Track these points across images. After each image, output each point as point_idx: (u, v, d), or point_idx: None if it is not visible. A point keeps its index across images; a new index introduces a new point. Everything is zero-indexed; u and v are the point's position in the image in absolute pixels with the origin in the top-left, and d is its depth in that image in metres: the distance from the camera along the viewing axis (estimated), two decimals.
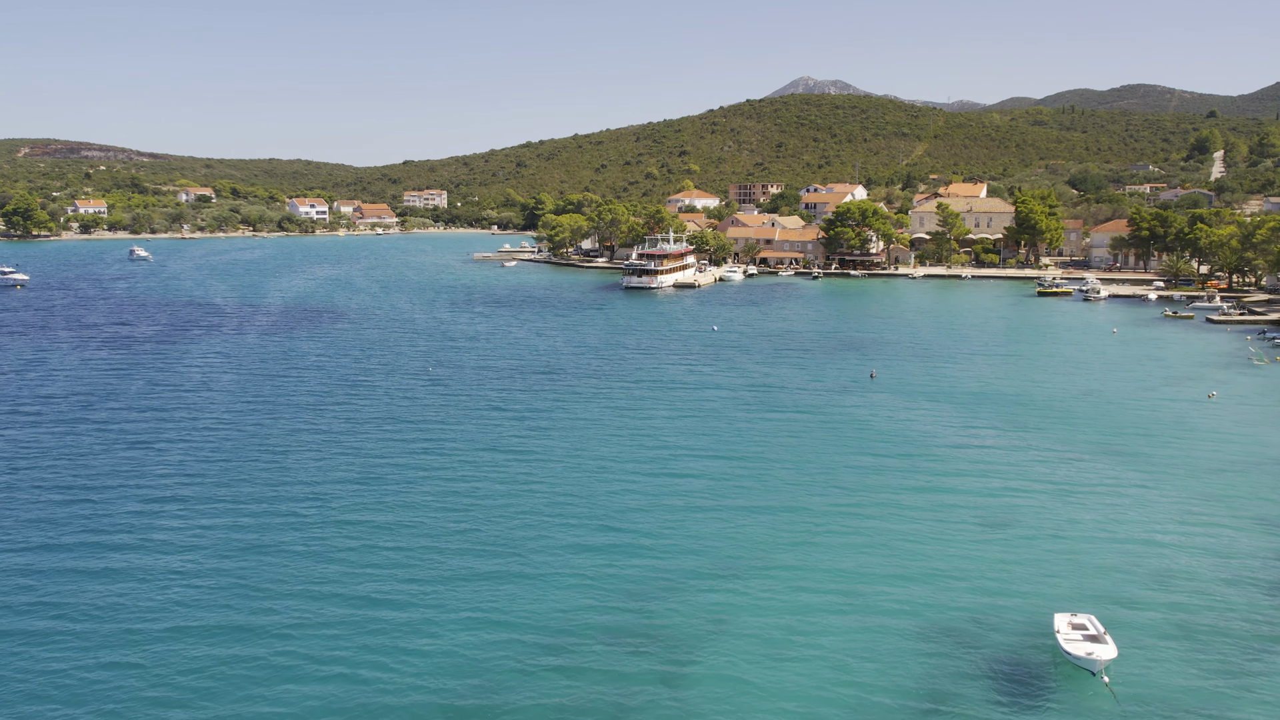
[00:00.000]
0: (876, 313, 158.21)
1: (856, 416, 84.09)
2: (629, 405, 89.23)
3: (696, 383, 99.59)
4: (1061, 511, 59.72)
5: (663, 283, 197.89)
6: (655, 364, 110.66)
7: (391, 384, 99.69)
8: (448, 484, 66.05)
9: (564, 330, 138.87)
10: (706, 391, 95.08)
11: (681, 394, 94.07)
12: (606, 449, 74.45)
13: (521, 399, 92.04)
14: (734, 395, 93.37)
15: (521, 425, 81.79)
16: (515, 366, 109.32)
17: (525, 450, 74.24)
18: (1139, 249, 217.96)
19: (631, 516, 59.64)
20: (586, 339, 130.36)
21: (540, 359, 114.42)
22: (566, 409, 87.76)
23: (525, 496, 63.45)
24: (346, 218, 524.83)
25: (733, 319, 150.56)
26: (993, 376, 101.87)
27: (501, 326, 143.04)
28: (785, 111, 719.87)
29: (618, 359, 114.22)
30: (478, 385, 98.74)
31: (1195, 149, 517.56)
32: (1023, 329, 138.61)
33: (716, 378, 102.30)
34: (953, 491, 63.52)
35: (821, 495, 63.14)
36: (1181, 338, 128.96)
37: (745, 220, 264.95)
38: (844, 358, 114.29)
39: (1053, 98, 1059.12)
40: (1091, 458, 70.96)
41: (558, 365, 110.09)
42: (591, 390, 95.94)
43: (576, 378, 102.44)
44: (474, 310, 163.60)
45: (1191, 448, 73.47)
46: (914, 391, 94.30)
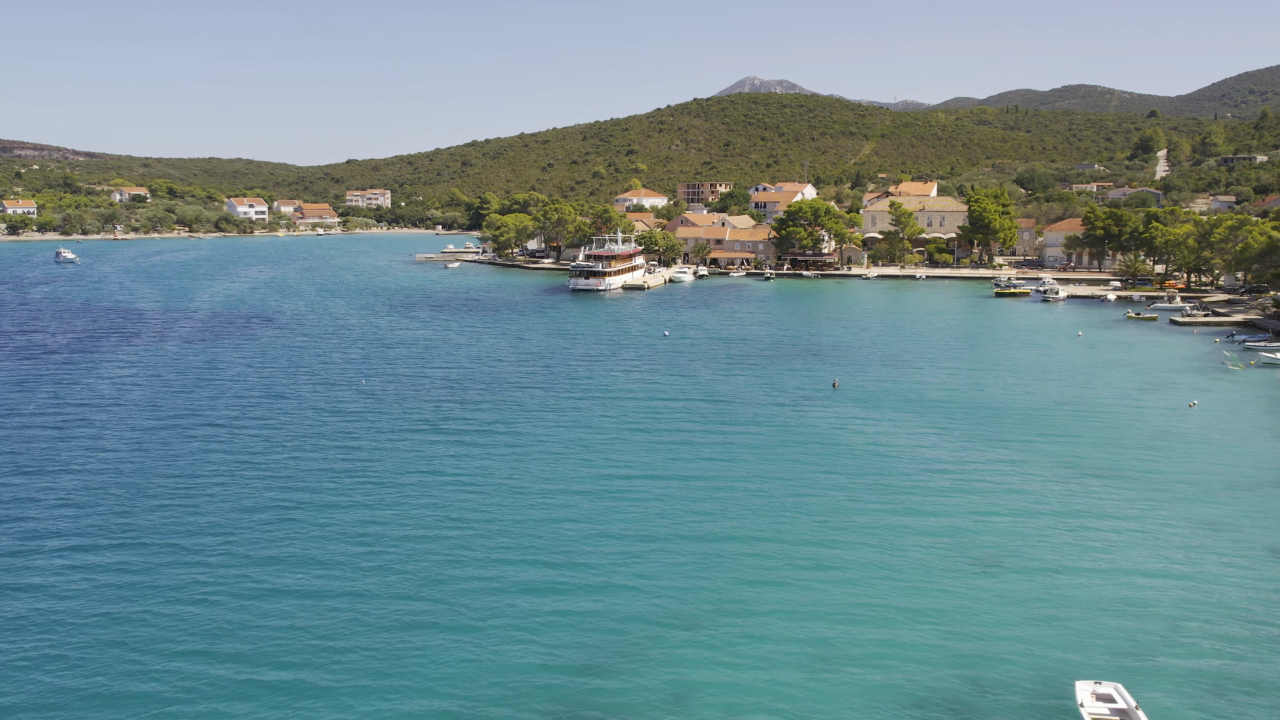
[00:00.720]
0: (833, 315, 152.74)
1: (821, 431, 77.99)
2: (575, 420, 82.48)
3: (648, 393, 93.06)
4: (1056, 543, 53.86)
5: (611, 284, 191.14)
6: (603, 373, 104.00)
7: (318, 398, 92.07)
8: (369, 514, 58.87)
9: (507, 336, 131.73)
10: (659, 404, 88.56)
11: (632, 406, 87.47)
12: (550, 471, 67.66)
13: (458, 414, 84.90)
14: (688, 407, 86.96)
15: (457, 444, 74.71)
16: (454, 377, 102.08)
17: (459, 473, 67.20)
18: (1093, 248, 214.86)
19: (578, 551, 52.96)
20: (530, 345, 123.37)
21: (480, 368, 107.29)
22: (507, 425, 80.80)
23: (456, 529, 56.47)
24: (286, 218, 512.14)
25: (684, 323, 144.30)
26: (961, 384, 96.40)
27: (441, 333, 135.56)
28: (733, 110, 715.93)
29: (563, 367, 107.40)
30: (412, 398, 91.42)
31: (1139, 148, 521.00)
32: (985, 332, 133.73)
33: (669, 388, 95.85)
34: (935, 518, 57.49)
35: (789, 524, 56.83)
36: (1148, 340, 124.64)
37: (695, 220, 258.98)
38: (803, 365, 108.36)
39: (995, 98, 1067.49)
40: (1079, 477, 65.33)
41: (499, 375, 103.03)
42: (535, 403, 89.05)
43: (518, 389, 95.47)
44: (413, 315, 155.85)
45: (1182, 464, 68.13)
46: (880, 402, 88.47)
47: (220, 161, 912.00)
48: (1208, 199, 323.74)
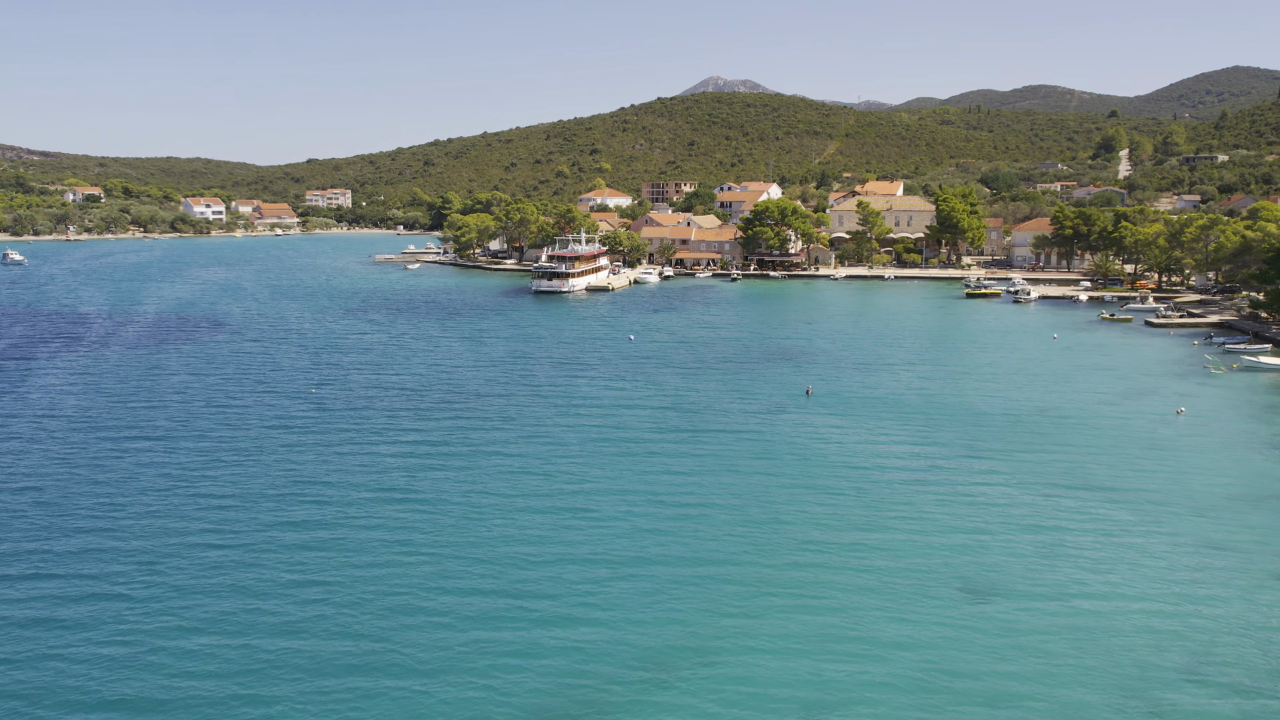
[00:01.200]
0: (802, 317, 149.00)
1: (797, 443, 73.93)
2: (535, 431, 77.98)
3: (613, 401, 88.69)
4: (1054, 568, 50.00)
5: (574, 286, 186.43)
6: (566, 379, 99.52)
7: (264, 408, 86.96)
8: (308, 538, 54.12)
9: (466, 341, 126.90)
10: (624, 413, 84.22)
11: (596, 416, 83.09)
12: (508, 489, 63.15)
13: (411, 425, 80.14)
14: (656, 417, 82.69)
15: (409, 459, 69.99)
16: (408, 384, 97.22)
17: (410, 492, 62.53)
18: (1062, 248, 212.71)
19: (536, 580, 48.57)
20: (490, 351, 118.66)
21: (437, 375, 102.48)
22: (463, 437, 76.16)
23: (404, 554, 51.85)
24: (244, 218, 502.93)
25: (650, 326, 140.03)
26: (939, 390, 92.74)
27: (398, 337, 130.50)
28: (697, 110, 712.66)
29: (524, 374, 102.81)
30: (363, 408, 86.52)
31: (1101, 147, 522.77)
32: (958, 334, 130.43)
33: (635, 395, 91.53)
34: (922, 540, 53.53)
35: (766, 548, 52.69)
36: (1125, 343, 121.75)
37: (660, 220, 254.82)
38: (774, 370, 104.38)
39: (957, 98, 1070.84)
40: (1070, 492, 61.62)
41: (456, 382, 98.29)
42: (493, 413, 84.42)
43: (476, 397, 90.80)
44: (369, 318, 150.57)
45: (1179, 479, 64.59)
46: (857, 410, 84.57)
47: (178, 161, 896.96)
48: (1172, 198, 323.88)
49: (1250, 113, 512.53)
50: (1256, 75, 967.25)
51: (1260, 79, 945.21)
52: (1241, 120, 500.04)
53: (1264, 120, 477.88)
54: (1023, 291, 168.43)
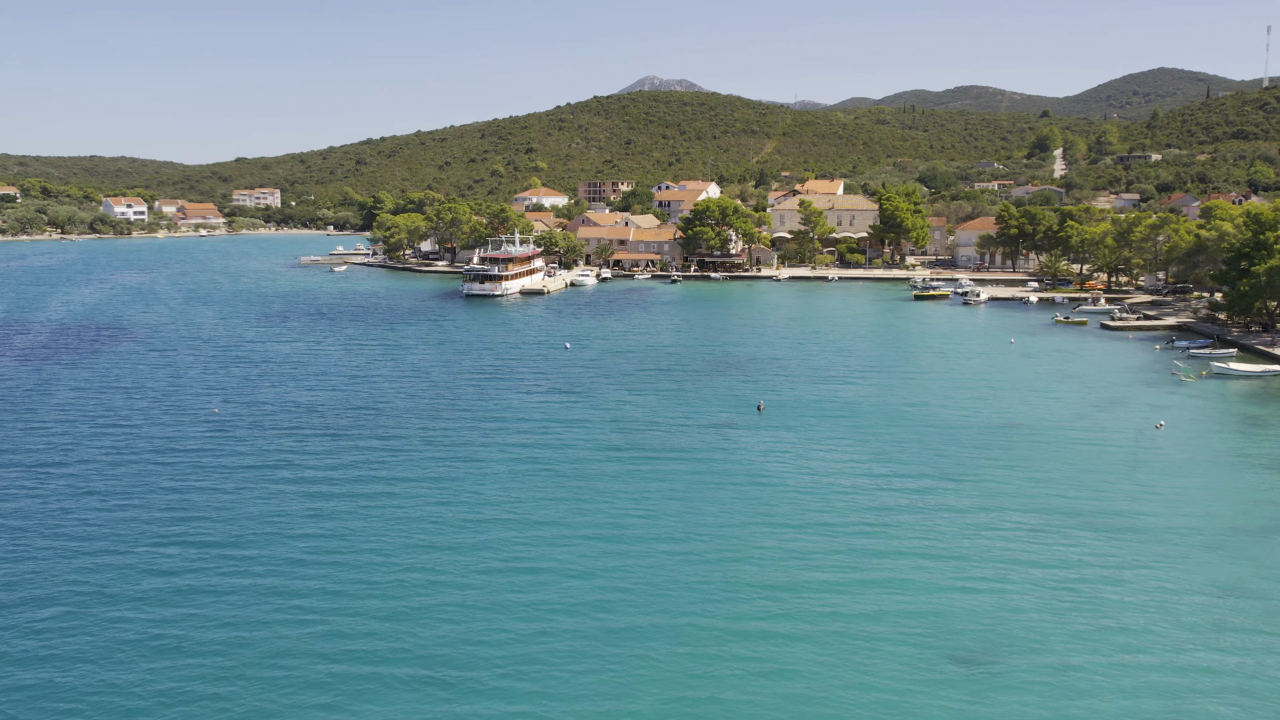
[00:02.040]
0: (747, 321, 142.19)
1: (751, 467, 66.78)
2: (461, 454, 70.03)
3: (547, 419, 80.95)
4: (1054, 624, 43.24)
5: (508, 289, 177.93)
6: (496, 394, 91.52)
7: (157, 431, 77.95)
8: (185, 588, 45.76)
9: (389, 350, 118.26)
10: (559, 432, 76.53)
11: (528, 436, 75.33)
12: (426, 528, 55.19)
13: (321, 450, 71.72)
14: (593, 435, 75.14)
15: (315, 492, 61.69)
16: (322, 401, 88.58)
17: (312, 533, 54.32)
18: (1007, 248, 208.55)
19: (455, 643, 40.86)
20: (415, 361, 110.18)
21: (355, 390, 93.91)
22: (379, 464, 68.00)
23: (297, 615, 43.75)
24: (167, 218, 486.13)
25: (588, 332, 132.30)
26: (898, 403, 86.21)
27: (317, 346, 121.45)
28: (634, 108, 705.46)
29: (451, 388, 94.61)
30: (269, 430, 77.85)
31: (1036, 147, 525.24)
32: (911, 339, 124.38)
33: (572, 412, 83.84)
34: (900, 588, 46.59)
35: (720, 598, 45.46)
36: (1084, 347, 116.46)
37: (597, 220, 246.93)
38: (721, 381, 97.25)
39: (891, 98, 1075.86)
40: (1060, 524, 55.07)
41: (375, 398, 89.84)
42: (414, 433, 76.24)
43: (396, 415, 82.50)
44: (287, 326, 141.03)
45: (1172, 505, 58.38)
46: (813, 427, 77.63)
47: (103, 160, 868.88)
48: (1110, 197, 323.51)
49: (1180, 113, 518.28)
50: (1181, 77, 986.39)
51: (1185, 80, 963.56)
52: (1173, 120, 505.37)
53: (1194, 120, 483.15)
54: (972, 293, 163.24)
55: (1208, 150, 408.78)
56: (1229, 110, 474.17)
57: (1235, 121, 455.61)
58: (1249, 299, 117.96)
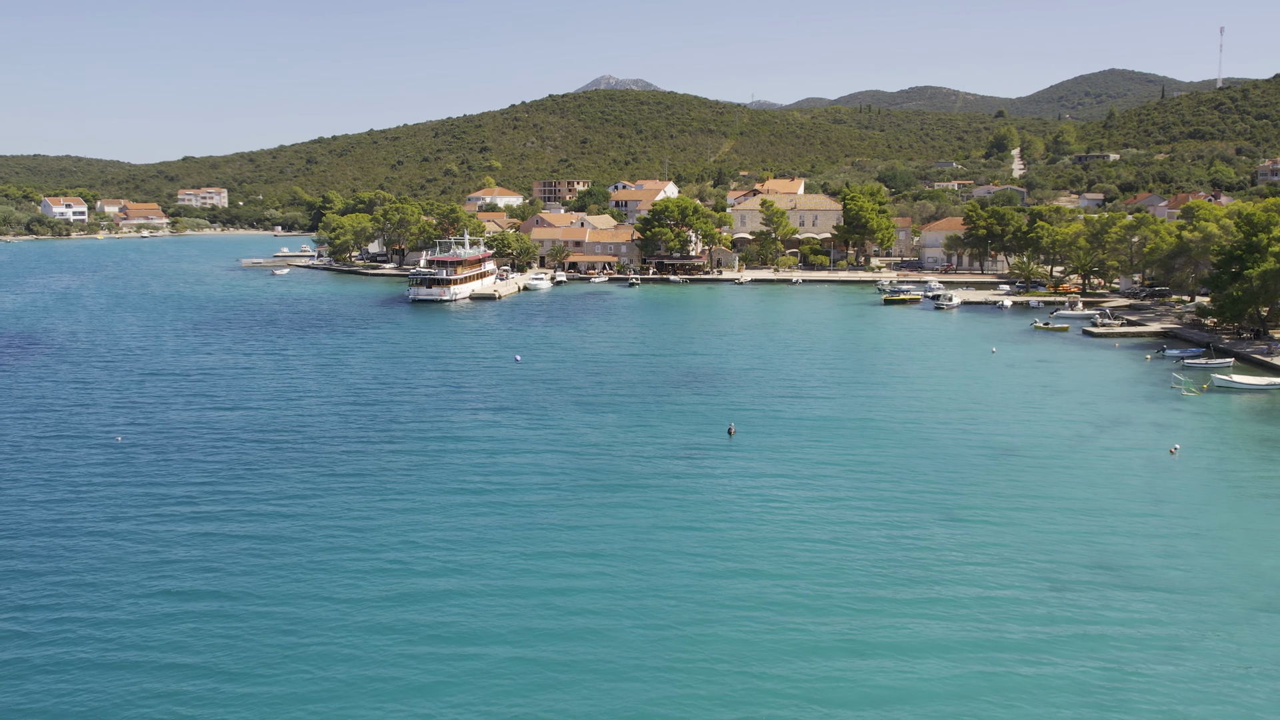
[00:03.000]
0: (710, 328, 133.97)
1: (725, 504, 58.42)
2: (396, 489, 61.14)
3: (493, 444, 72.21)
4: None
5: (457, 294, 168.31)
6: (439, 414, 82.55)
7: (45, 460, 68.28)
8: (46, 662, 36.60)
9: (324, 363, 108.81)
10: (505, 460, 67.82)
11: (471, 465, 66.58)
12: (352, 581, 46.35)
13: (235, 485, 62.46)
14: (545, 465, 66.53)
15: (224, 536, 52.55)
16: (242, 426, 79.16)
17: (216, 590, 45.27)
18: (975, 249, 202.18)
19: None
20: (351, 376, 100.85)
21: (281, 412, 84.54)
22: (301, 501, 58.93)
23: (194, 690, 34.82)
24: (108, 219, 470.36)
25: (541, 342, 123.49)
26: (882, 421, 78.25)
27: (245, 360, 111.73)
28: (589, 107, 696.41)
29: (389, 407, 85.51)
30: (176, 460, 68.45)
31: (994, 146, 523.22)
32: (886, 348, 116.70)
33: (520, 434, 75.16)
34: (916, 678, 38.39)
35: (701, 682, 37.06)
36: (1069, 357, 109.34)
37: (552, 220, 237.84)
38: (685, 398, 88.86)
39: (847, 98, 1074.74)
40: (1086, 584, 47.09)
41: (303, 421, 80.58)
42: (344, 464, 67.20)
43: (324, 442, 73.38)
44: (216, 335, 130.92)
45: (1215, 555, 50.62)
46: (790, 453, 69.43)
47: (46, 159, 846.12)
48: (1072, 197, 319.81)
49: (1137, 113, 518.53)
50: (1132, 78, 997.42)
51: (1136, 81, 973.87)
52: (1129, 120, 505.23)
53: (1150, 120, 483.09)
54: (944, 297, 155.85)
55: (1165, 150, 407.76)
56: (1184, 110, 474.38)
57: (1191, 121, 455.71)
58: (1242, 304, 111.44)
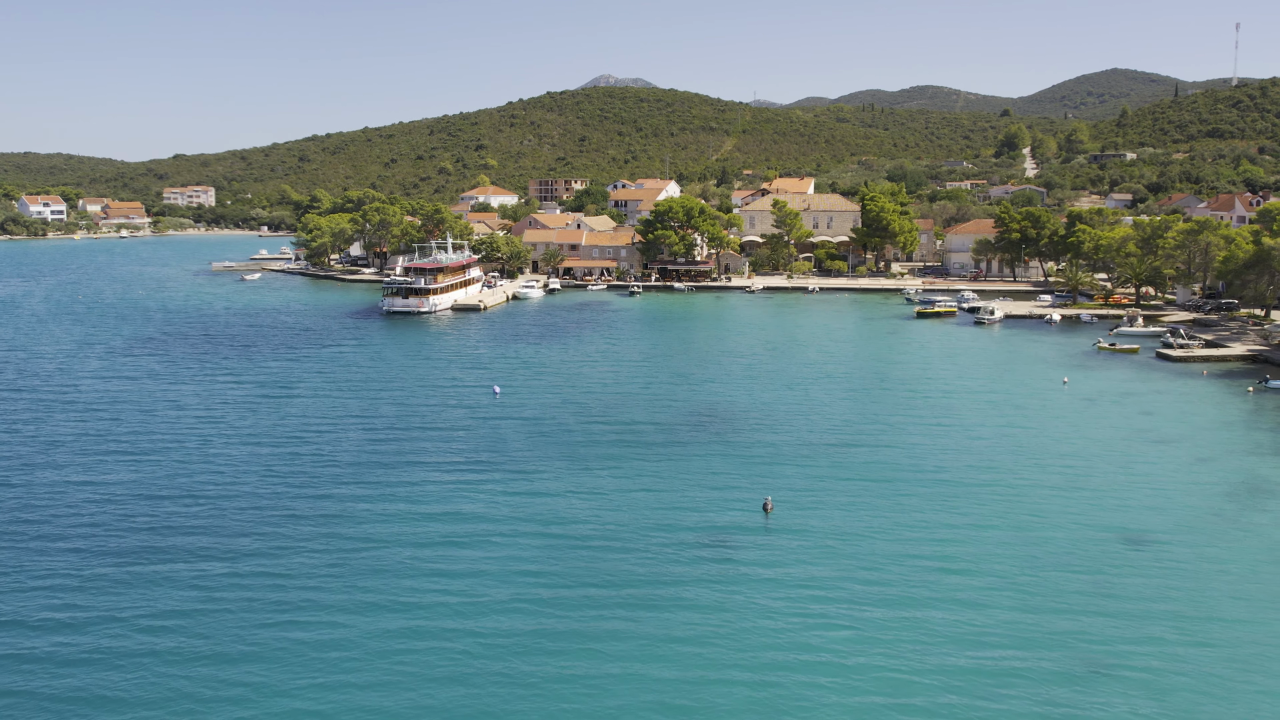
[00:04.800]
0: (723, 347, 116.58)
1: (767, 631, 40.99)
2: (316, 591, 43.73)
3: (453, 522, 54.77)
4: None
5: (436, 305, 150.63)
6: (392, 468, 65.07)
7: None
8: None
9: (263, 394, 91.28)
10: (469, 551, 50.40)
11: (422, 556, 49.19)
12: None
13: (125, 565, 45.02)
14: (519, 560, 49.17)
15: (104, 628, 35.12)
16: (148, 480, 61.66)
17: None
18: (1007, 254, 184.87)
19: None
20: (289, 412, 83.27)
21: (203, 461, 67.00)
22: (208, 594, 41.49)
23: None
24: (88, 218, 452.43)
25: (527, 365, 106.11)
26: (951, 486, 60.83)
27: (168, 389, 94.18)
28: (588, 104, 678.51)
29: (333, 458, 68.05)
30: (53, 531, 51.01)
31: (1004, 145, 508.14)
32: (933, 377, 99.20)
33: (490, 506, 57.77)
34: None
35: None
36: (1157, 391, 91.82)
37: (546, 221, 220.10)
38: (703, 448, 71.40)
39: (847, 97, 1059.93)
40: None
41: (224, 475, 63.04)
42: (259, 546, 49.74)
43: (242, 510, 55.91)
44: (148, 356, 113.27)
45: None
46: (856, 546, 51.93)
47: (37, 156, 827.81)
48: (1095, 197, 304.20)
49: (1151, 111, 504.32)
50: (1134, 77, 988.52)
51: (1138, 80, 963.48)
52: (1143, 118, 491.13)
53: (1166, 118, 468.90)
54: (984, 310, 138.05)
55: (1183, 149, 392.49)
56: (1201, 109, 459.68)
57: (1209, 120, 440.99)
58: None
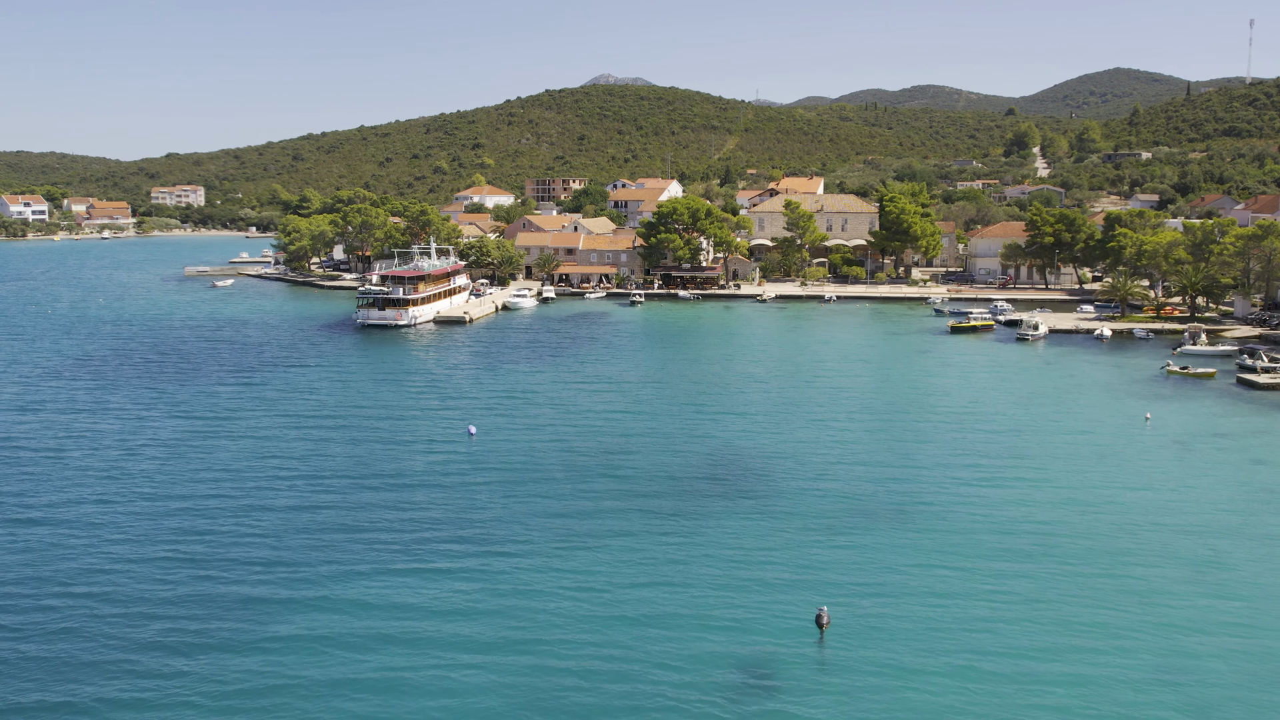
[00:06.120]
0: (739, 370, 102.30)
1: None
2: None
3: (392, 648, 40.69)
4: None
5: (417, 317, 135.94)
6: (326, 547, 50.78)
7: None
8: None
9: (193, 430, 76.90)
10: (421, 685, 36.31)
11: (354, 695, 35.15)
12: None
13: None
14: (487, 709, 35.11)
15: None
16: (9, 566, 47.57)
17: None
18: (1039, 260, 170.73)
19: None
20: (218, 457, 68.78)
21: (86, 536, 52.76)
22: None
23: None
24: (71, 218, 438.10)
25: (511, 396, 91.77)
26: (1076, 592, 46.71)
27: (82, 423, 79.84)
28: (587, 102, 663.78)
29: (250, 534, 53.71)
30: None
31: (1014, 145, 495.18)
32: (993, 414, 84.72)
33: (443, 624, 43.56)
34: None
35: None
36: (1249, 426, 77.51)
37: (541, 224, 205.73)
38: (728, 522, 57.02)
39: (848, 97, 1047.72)
40: None
41: (106, 560, 48.85)
42: (117, 651, 35.65)
43: (112, 618, 41.79)
44: (87, 377, 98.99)
45: None
46: (932, 678, 37.96)
47: (29, 155, 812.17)
48: (1117, 198, 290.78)
49: (1164, 109, 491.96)
50: (1136, 77, 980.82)
51: (1140, 80, 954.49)
52: (1155, 117, 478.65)
53: (1180, 117, 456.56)
54: (1027, 325, 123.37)
55: (1199, 148, 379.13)
56: (1216, 107, 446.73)
57: (1225, 118, 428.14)
58: None
